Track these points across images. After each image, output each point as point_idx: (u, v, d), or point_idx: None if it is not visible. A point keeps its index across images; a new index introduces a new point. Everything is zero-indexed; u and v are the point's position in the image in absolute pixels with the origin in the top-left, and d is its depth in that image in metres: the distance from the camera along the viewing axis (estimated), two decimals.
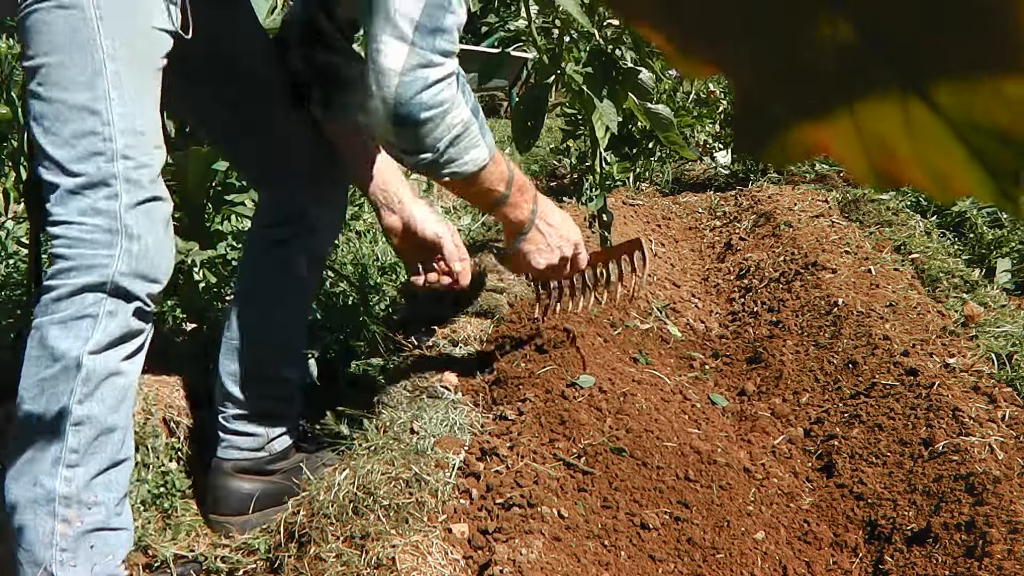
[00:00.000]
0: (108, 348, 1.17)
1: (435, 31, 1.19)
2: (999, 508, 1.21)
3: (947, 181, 0.21)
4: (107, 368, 1.17)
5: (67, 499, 1.14)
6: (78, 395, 1.15)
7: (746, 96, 0.22)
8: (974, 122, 0.20)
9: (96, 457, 1.17)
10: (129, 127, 1.18)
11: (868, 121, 0.21)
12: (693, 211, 3.71)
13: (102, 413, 1.17)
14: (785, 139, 0.22)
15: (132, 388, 1.22)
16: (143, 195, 1.19)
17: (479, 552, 1.18)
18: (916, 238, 2.72)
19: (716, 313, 2.47)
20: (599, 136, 2.15)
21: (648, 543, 1.25)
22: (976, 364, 1.74)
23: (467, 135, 1.29)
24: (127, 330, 1.19)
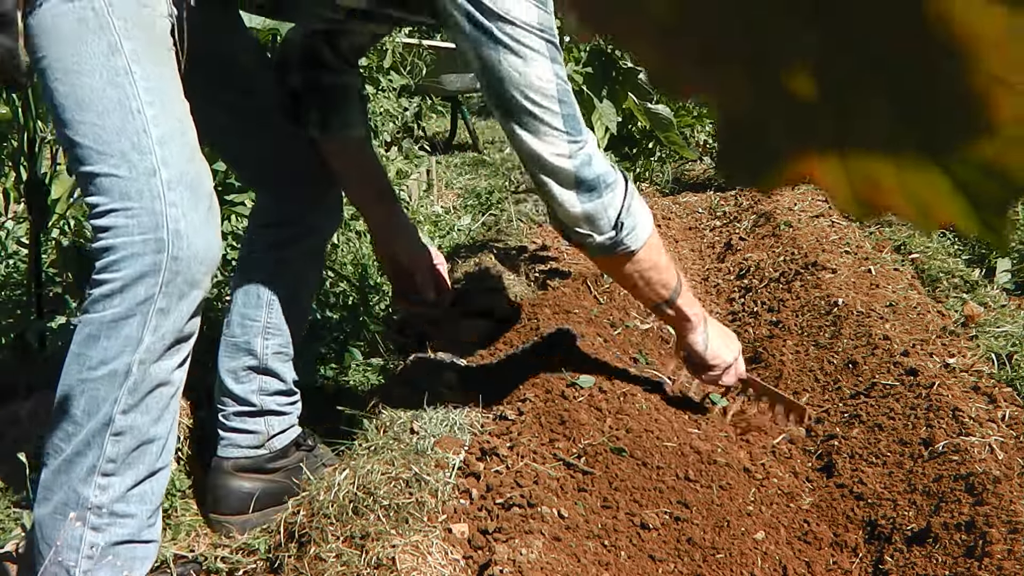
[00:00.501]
0: (160, 355, 1.11)
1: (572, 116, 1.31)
2: (999, 508, 1.21)
3: (930, 211, 0.21)
4: (157, 378, 1.12)
5: (100, 508, 1.10)
6: (123, 404, 1.10)
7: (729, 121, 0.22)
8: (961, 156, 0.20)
9: (134, 468, 1.12)
10: (156, 99, 1.12)
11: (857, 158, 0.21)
12: (693, 211, 3.71)
13: (145, 424, 1.12)
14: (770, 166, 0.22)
15: (177, 397, 1.17)
16: (182, 168, 1.12)
17: (479, 552, 1.18)
18: (916, 238, 2.72)
19: (716, 313, 2.47)
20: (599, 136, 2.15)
21: (648, 543, 1.25)
22: (976, 364, 1.74)
23: (634, 202, 1.38)
24: (179, 333, 1.13)
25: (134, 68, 1.11)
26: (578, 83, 2.02)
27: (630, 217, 1.37)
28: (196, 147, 1.17)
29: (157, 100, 1.12)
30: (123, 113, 1.10)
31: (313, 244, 1.61)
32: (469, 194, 4.16)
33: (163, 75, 1.16)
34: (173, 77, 1.18)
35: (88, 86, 1.09)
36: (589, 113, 2.12)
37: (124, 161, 1.09)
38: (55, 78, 1.11)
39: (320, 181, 1.60)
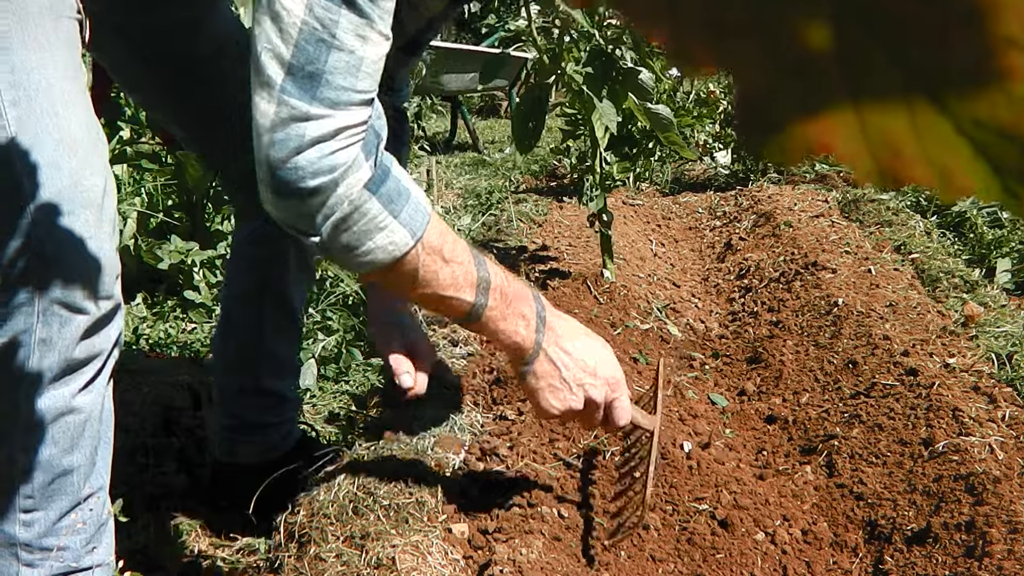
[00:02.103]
0: (51, 385, 0.99)
1: (313, 75, 0.90)
2: (999, 508, 1.21)
3: (952, 179, 0.21)
4: (55, 408, 1.00)
5: (29, 545, 1.04)
6: (21, 443, 1.00)
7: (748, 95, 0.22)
8: (978, 119, 0.20)
9: (56, 501, 1.04)
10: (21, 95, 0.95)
11: (873, 119, 0.21)
12: (693, 211, 3.71)
13: (55, 456, 1.02)
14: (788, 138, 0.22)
15: (94, 422, 1.06)
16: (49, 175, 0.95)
17: (479, 552, 1.18)
18: (916, 238, 2.72)
19: (716, 313, 2.47)
20: (599, 136, 2.15)
21: (648, 543, 1.25)
22: (976, 364, 1.74)
23: (361, 216, 0.97)
24: (69, 361, 1.00)
25: None
26: (578, 83, 2.02)
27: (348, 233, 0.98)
28: (78, 142, 0.99)
29: (23, 96, 0.96)
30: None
31: (295, 257, 1.51)
32: (469, 194, 4.16)
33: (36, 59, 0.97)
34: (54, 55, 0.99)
35: None
36: (589, 113, 2.12)
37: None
38: None
39: None
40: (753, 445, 1.66)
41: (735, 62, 0.22)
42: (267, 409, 1.54)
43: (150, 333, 2.24)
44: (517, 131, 2.05)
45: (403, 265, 1.01)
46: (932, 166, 0.21)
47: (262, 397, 1.53)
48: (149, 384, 1.88)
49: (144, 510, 1.50)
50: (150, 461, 1.66)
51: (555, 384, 1.12)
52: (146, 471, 1.63)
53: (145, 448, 1.68)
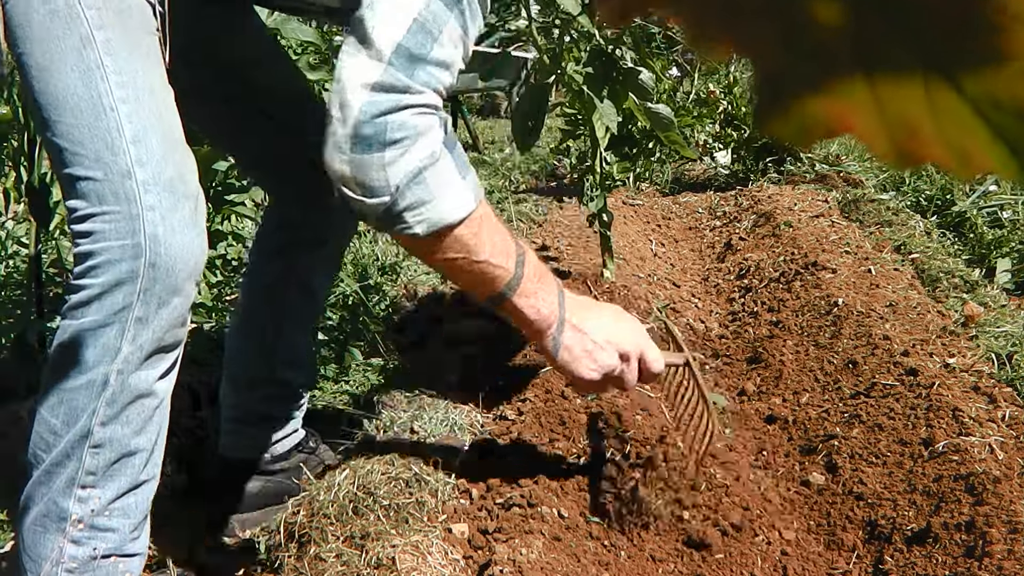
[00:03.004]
0: (139, 366, 1.06)
1: (417, 59, 1.04)
2: (999, 508, 1.21)
3: (969, 159, 0.21)
4: (137, 389, 1.06)
5: (80, 522, 1.06)
6: (101, 416, 1.05)
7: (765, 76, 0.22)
8: (996, 100, 0.20)
9: (115, 481, 1.07)
10: (130, 93, 1.05)
11: (890, 100, 0.21)
12: (693, 211, 3.71)
13: (126, 436, 1.07)
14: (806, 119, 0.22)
15: (163, 408, 1.12)
16: (159, 167, 1.05)
17: (479, 552, 1.18)
18: (916, 238, 2.72)
19: (716, 313, 2.47)
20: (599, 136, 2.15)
21: (648, 543, 1.25)
22: (976, 364, 1.74)
23: (437, 170, 1.06)
24: (160, 343, 1.07)
25: (106, 61, 1.05)
26: (578, 83, 2.02)
27: (419, 187, 1.06)
28: (178, 142, 1.10)
29: (131, 95, 1.05)
30: (95, 111, 1.04)
31: (321, 253, 1.53)
32: None
33: (141, 66, 1.08)
34: (154, 66, 1.10)
35: (62, 83, 1.04)
36: (589, 113, 2.12)
37: (98, 162, 1.03)
38: (31, 75, 1.05)
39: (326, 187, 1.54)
40: (753, 445, 1.66)
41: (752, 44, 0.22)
42: (275, 401, 1.55)
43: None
44: (517, 130, 2.05)
45: (463, 227, 1.10)
46: (949, 147, 0.21)
47: (272, 387, 1.53)
48: None
49: None
50: None
51: (588, 348, 1.19)
52: None
53: None
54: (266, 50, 1.53)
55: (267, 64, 1.51)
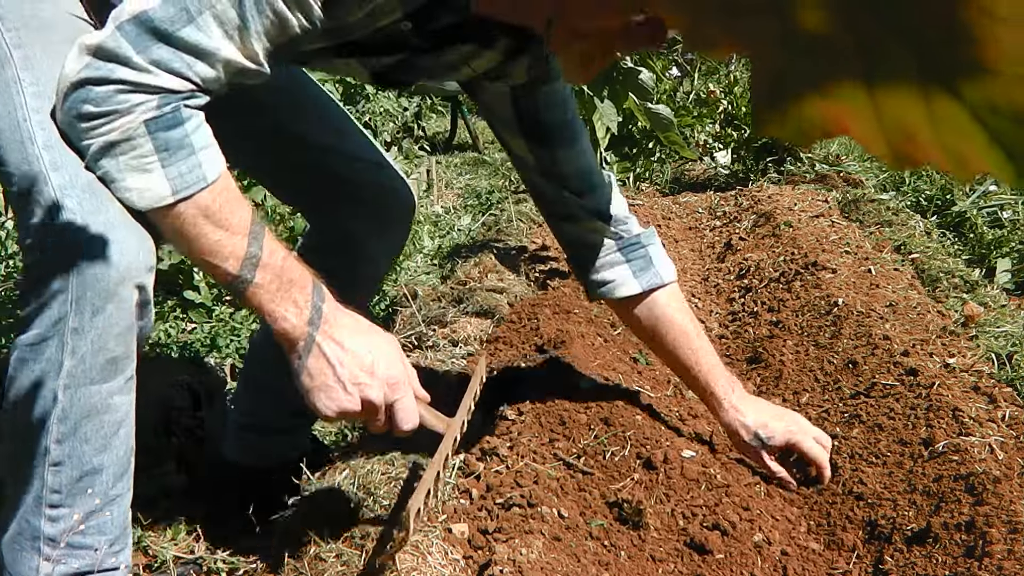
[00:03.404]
0: (87, 379, 1.01)
1: (160, 33, 0.93)
2: (999, 508, 1.21)
3: (966, 163, 0.22)
4: (89, 404, 1.02)
5: (53, 540, 1.03)
6: (55, 434, 1.01)
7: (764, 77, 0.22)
8: (993, 105, 0.21)
9: (84, 498, 1.04)
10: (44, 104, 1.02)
11: (888, 103, 0.21)
12: (693, 211, 3.71)
13: (87, 453, 1.03)
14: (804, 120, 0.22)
15: (127, 425, 1.07)
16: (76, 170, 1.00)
17: (479, 552, 1.18)
18: (916, 238, 2.73)
19: (716, 313, 2.47)
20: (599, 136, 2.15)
21: (648, 543, 1.25)
22: (976, 364, 1.74)
23: (129, 149, 0.96)
24: (105, 353, 1.01)
25: (23, 75, 1.04)
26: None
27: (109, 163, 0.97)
28: None
29: (46, 104, 1.02)
30: (12, 125, 1.02)
31: (358, 274, 1.49)
32: (469, 194, 4.16)
33: None
34: None
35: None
36: (589, 113, 2.12)
37: (20, 175, 1.00)
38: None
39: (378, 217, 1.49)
40: None
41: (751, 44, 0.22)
42: (287, 415, 1.54)
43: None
44: None
45: (164, 217, 0.99)
46: (946, 151, 0.22)
47: (287, 401, 1.53)
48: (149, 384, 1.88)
49: (144, 510, 1.50)
50: (150, 461, 1.66)
51: (329, 383, 1.05)
52: (146, 471, 1.63)
53: (145, 448, 1.68)
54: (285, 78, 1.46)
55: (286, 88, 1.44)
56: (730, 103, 4.40)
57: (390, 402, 1.07)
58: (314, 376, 1.04)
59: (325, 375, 1.04)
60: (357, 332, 1.07)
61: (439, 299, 2.32)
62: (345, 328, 1.06)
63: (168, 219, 0.99)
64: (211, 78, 0.97)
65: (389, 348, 1.09)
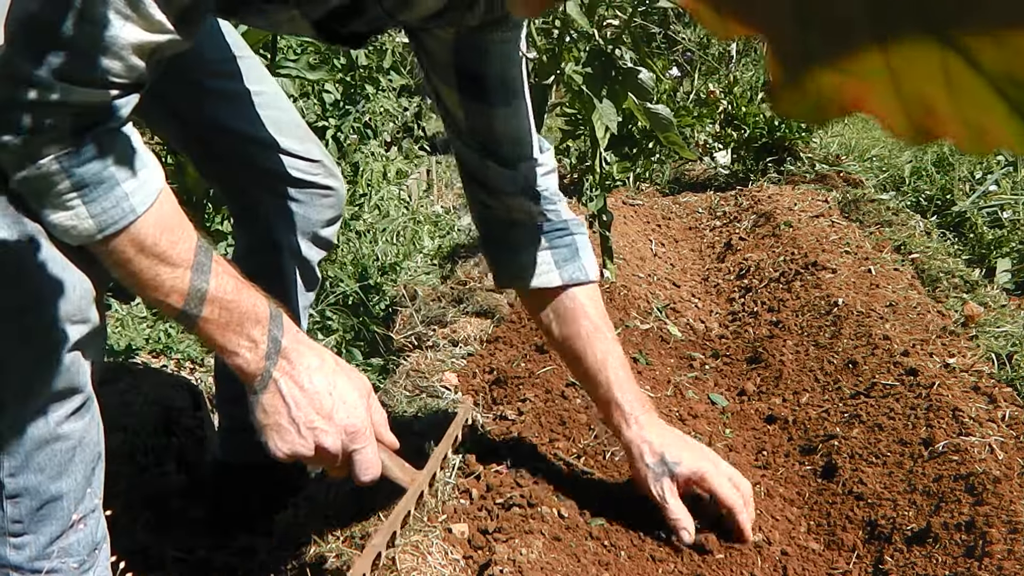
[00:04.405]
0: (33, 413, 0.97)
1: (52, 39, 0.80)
2: (999, 508, 1.21)
3: (985, 135, 0.21)
4: (38, 436, 0.97)
5: (20, 568, 1.02)
6: (7, 469, 0.98)
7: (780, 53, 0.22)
8: (1013, 76, 0.20)
9: (46, 526, 1.01)
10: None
11: (906, 77, 0.21)
12: (693, 211, 3.71)
13: (43, 483, 0.99)
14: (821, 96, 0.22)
15: (85, 447, 1.02)
16: None
17: (479, 552, 1.18)
18: (916, 238, 2.72)
19: (716, 313, 2.47)
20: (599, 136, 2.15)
21: (648, 543, 1.25)
22: (976, 364, 1.74)
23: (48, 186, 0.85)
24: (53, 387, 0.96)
25: None
26: (578, 83, 2.02)
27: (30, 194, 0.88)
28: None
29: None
30: None
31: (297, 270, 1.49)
32: None
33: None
34: None
35: None
36: (589, 113, 2.12)
37: None
38: None
39: None
40: (753, 445, 1.66)
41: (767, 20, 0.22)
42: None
43: (150, 333, 2.24)
44: None
45: (96, 249, 0.91)
46: (966, 124, 0.21)
47: None
48: (149, 384, 1.88)
49: (144, 510, 1.50)
50: (150, 461, 1.66)
51: (281, 423, 0.99)
52: (146, 471, 1.63)
53: (145, 448, 1.68)
54: None
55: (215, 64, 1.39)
56: (730, 103, 4.40)
57: (348, 451, 1.01)
58: (268, 413, 0.99)
59: (279, 414, 0.98)
60: (320, 372, 1.00)
61: (439, 299, 2.32)
62: (306, 367, 0.99)
63: (103, 253, 0.91)
64: (121, 70, 0.84)
65: (352, 393, 1.02)
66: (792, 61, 0.22)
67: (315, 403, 0.99)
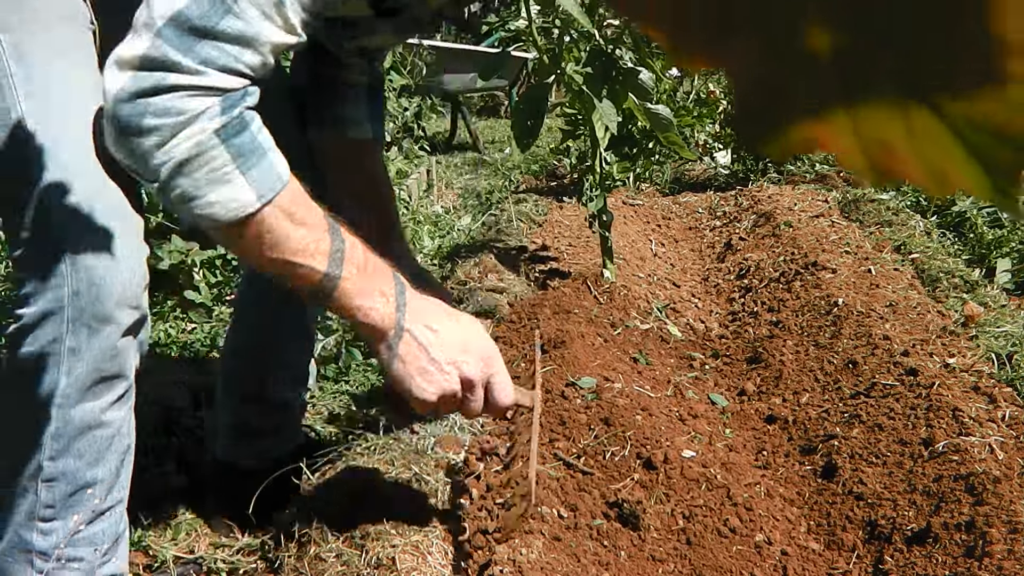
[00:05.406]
0: (80, 398, 1.00)
1: (200, 31, 0.87)
2: (999, 508, 1.21)
3: (945, 178, 0.22)
4: (83, 421, 1.01)
5: (45, 554, 1.03)
6: (49, 451, 1.01)
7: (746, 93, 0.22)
8: (971, 120, 0.21)
9: (76, 512, 1.04)
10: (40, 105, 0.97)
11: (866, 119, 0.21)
12: (693, 211, 3.71)
13: (80, 469, 1.02)
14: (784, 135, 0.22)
15: (121, 437, 1.06)
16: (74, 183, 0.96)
17: (479, 552, 1.18)
18: (916, 238, 2.72)
19: (716, 313, 2.47)
20: (599, 136, 2.15)
21: (648, 543, 1.25)
22: (976, 364, 1.74)
23: (205, 163, 0.90)
24: (100, 373, 1.00)
25: (15, 69, 0.97)
26: (578, 83, 2.02)
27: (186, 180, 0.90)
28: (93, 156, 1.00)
29: (41, 106, 0.98)
30: (4, 124, 0.97)
31: None
32: (469, 194, 4.16)
33: (53, 70, 1.00)
34: (71, 67, 1.02)
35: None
36: (589, 113, 2.12)
37: (10, 180, 0.96)
38: None
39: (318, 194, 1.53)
40: (753, 445, 1.66)
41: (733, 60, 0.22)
42: (271, 415, 1.54)
43: (150, 333, 2.24)
44: (516, 129, 2.05)
45: (247, 226, 0.94)
46: (925, 165, 0.22)
47: (266, 405, 1.53)
48: (149, 384, 1.88)
49: (144, 510, 1.50)
50: (150, 461, 1.66)
51: (424, 366, 1.03)
52: (146, 471, 1.63)
53: (145, 448, 1.68)
54: None
55: None
56: (730, 103, 4.40)
57: (486, 376, 1.08)
58: (407, 361, 1.03)
59: (419, 358, 1.03)
60: (441, 313, 1.07)
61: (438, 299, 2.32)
62: (430, 311, 1.05)
63: (250, 228, 0.94)
64: (259, 65, 0.92)
65: (476, 325, 1.10)
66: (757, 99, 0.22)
67: (450, 340, 1.05)
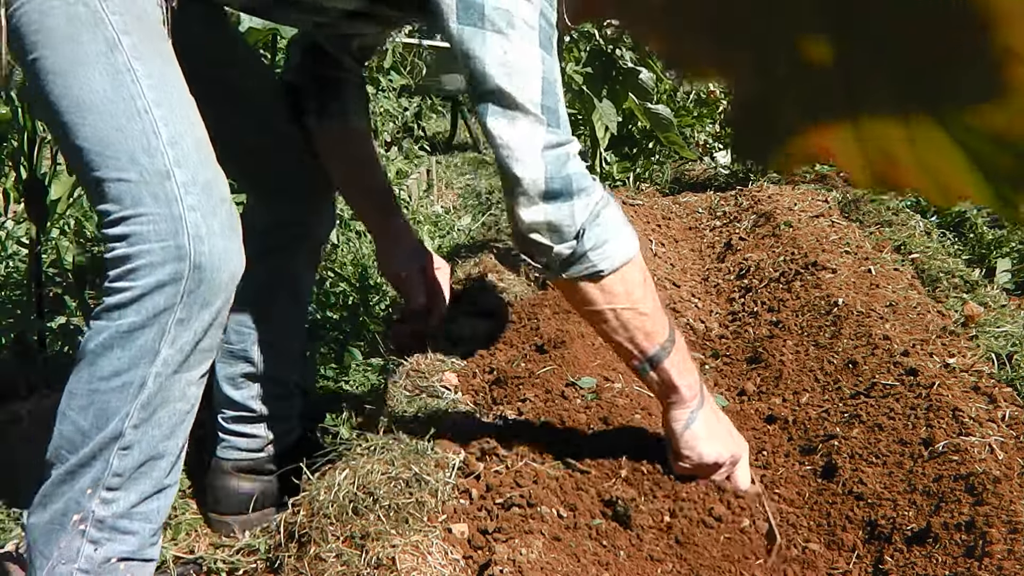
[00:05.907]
0: (178, 368, 1.06)
1: (553, 111, 1.15)
2: (999, 508, 1.21)
3: (947, 186, 0.22)
4: (172, 393, 1.06)
5: (101, 523, 1.05)
6: (134, 419, 1.04)
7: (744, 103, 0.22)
8: (973, 127, 0.21)
9: (140, 484, 1.07)
10: (162, 97, 1.06)
11: (869, 128, 0.21)
12: (693, 211, 3.71)
13: (156, 439, 1.06)
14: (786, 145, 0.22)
15: (192, 415, 1.12)
16: (196, 170, 1.06)
17: (479, 552, 1.18)
18: (916, 238, 2.72)
19: (716, 313, 2.47)
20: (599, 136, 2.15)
21: (647, 543, 1.25)
22: (976, 364, 1.74)
23: (609, 209, 1.18)
24: (199, 345, 1.07)
25: (136, 65, 1.05)
26: (578, 83, 2.02)
27: (599, 228, 1.16)
28: (209, 148, 1.10)
29: (164, 99, 1.06)
30: (128, 113, 1.03)
31: (307, 248, 1.59)
32: (469, 194, 4.16)
33: (167, 72, 1.10)
34: (177, 73, 1.11)
35: (87, 87, 1.03)
36: (589, 113, 2.12)
37: (133, 164, 1.02)
38: (49, 80, 1.04)
39: (314, 183, 1.57)
40: (753, 445, 1.65)
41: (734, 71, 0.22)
42: (271, 399, 1.55)
43: None
44: None
45: (634, 268, 1.19)
46: (927, 173, 0.22)
47: (267, 385, 1.54)
48: None
49: None
50: None
51: (718, 432, 1.27)
52: None
53: None
54: (242, 52, 1.55)
55: (244, 65, 1.53)
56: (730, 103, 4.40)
57: (735, 461, 1.30)
58: (708, 426, 1.26)
59: (714, 427, 1.27)
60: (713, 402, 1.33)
61: None
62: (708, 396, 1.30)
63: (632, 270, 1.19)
64: None
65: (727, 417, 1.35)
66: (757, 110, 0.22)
67: (725, 422, 1.32)
